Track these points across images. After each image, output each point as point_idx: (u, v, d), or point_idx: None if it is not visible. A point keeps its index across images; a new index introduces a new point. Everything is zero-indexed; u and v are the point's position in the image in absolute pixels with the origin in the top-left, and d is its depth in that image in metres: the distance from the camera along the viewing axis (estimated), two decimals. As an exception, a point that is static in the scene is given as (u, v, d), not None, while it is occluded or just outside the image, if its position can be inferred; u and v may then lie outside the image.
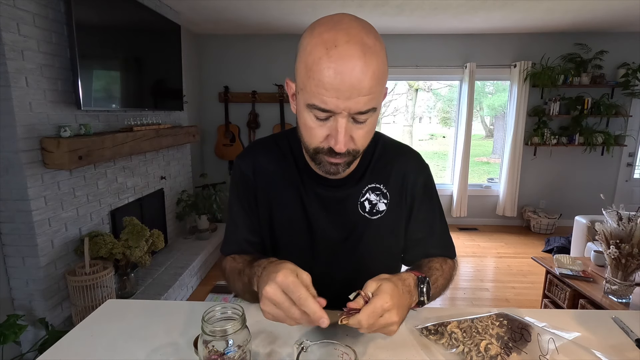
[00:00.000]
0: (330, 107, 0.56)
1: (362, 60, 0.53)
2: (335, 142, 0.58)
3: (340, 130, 0.57)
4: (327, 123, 0.59)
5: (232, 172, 0.81)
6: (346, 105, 0.55)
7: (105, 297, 1.97)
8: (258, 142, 0.82)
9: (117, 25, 2.28)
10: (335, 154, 0.61)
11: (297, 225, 0.76)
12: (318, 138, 0.61)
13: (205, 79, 4.16)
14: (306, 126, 0.61)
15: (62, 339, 0.68)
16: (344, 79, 0.53)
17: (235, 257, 0.77)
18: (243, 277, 0.68)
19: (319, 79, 0.54)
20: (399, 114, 9.89)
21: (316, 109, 0.57)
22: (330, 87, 0.54)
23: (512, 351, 0.60)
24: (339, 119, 0.57)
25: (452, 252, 0.82)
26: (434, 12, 3.17)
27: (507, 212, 4.26)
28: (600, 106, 3.86)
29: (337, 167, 0.64)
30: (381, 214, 0.76)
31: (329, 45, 0.53)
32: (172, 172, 3.21)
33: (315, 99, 0.56)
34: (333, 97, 0.54)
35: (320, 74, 0.54)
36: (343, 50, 0.53)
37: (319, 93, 0.55)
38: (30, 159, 1.74)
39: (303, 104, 0.59)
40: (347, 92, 0.54)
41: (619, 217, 1.56)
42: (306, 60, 0.56)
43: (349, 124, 0.58)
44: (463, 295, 2.78)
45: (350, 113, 0.56)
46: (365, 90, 0.54)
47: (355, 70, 0.53)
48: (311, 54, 0.55)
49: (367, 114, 0.58)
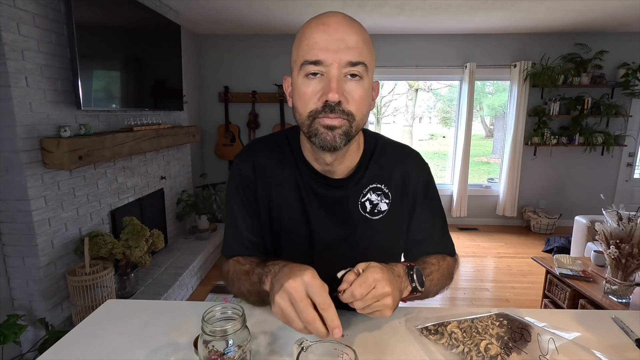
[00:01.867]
0: (320, 57, 0.60)
1: (346, 21, 0.62)
2: (328, 89, 0.60)
3: (332, 78, 0.60)
4: (321, 83, 0.61)
5: (230, 172, 0.80)
6: (336, 55, 0.60)
7: (105, 297, 1.97)
8: (257, 142, 0.81)
9: (117, 25, 2.28)
10: (330, 110, 0.61)
11: (296, 224, 0.76)
12: (313, 99, 0.62)
13: (205, 79, 4.16)
14: (300, 93, 0.63)
15: (62, 339, 0.68)
16: (331, 33, 0.60)
17: (239, 259, 0.75)
18: (252, 276, 0.67)
19: (309, 39, 0.61)
20: (399, 114, 9.89)
21: (308, 63, 0.61)
22: (319, 40, 0.60)
23: (512, 351, 0.60)
24: (330, 70, 0.60)
25: (451, 251, 0.82)
26: (434, 12, 3.17)
27: (507, 212, 4.26)
28: (600, 106, 3.86)
29: (334, 135, 0.63)
30: (383, 214, 0.76)
31: (318, 21, 0.62)
32: (172, 172, 3.21)
33: (307, 55, 0.61)
34: (322, 48, 0.60)
35: (309, 35, 0.61)
36: (329, 17, 0.62)
37: (309, 49, 0.61)
38: (30, 159, 1.74)
39: (296, 72, 0.64)
40: (335, 44, 0.60)
41: (619, 217, 1.56)
42: (298, 38, 0.64)
43: (341, 76, 0.61)
44: (463, 295, 2.78)
45: (340, 64, 0.60)
46: (352, 43, 0.60)
47: (341, 27, 0.61)
48: (302, 32, 0.63)
49: (358, 66, 0.61)
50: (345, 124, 0.63)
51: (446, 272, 0.76)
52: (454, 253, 0.82)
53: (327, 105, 0.61)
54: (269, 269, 0.63)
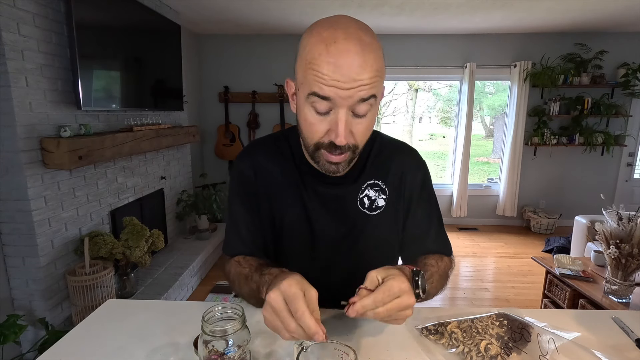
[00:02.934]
0: (329, 95, 0.57)
1: (360, 55, 0.55)
2: (335, 134, 0.59)
3: (340, 122, 0.58)
4: (327, 118, 0.60)
5: (231, 173, 0.81)
6: (346, 94, 0.56)
7: (105, 297, 1.97)
8: (257, 142, 0.82)
9: (117, 25, 2.28)
10: (336, 148, 0.61)
11: (297, 223, 0.77)
12: (318, 133, 0.61)
13: (205, 79, 4.16)
14: (306, 121, 0.62)
15: (62, 339, 0.68)
16: (344, 72, 0.55)
17: (240, 260, 0.76)
18: (251, 283, 0.68)
19: (318, 71, 0.56)
20: (399, 114, 9.89)
21: (316, 96, 0.58)
22: (329, 78, 0.55)
23: (512, 351, 0.60)
24: (339, 111, 0.58)
25: (448, 250, 0.82)
26: (434, 12, 3.17)
27: (507, 212, 4.26)
28: (600, 106, 3.86)
29: (337, 167, 0.65)
30: (380, 209, 0.77)
31: (329, 42, 0.55)
32: (172, 172, 3.21)
33: (315, 87, 0.57)
34: (332, 86, 0.56)
35: (320, 67, 0.56)
36: (342, 46, 0.55)
37: (318, 83, 0.56)
38: (30, 159, 1.74)
39: (303, 98, 0.60)
40: (347, 84, 0.55)
41: (619, 217, 1.56)
42: (306, 57, 0.58)
43: (349, 117, 0.59)
44: (463, 295, 2.78)
45: (350, 105, 0.58)
46: (364, 81, 0.56)
47: (354, 64, 0.55)
48: (311, 51, 0.57)
49: (367, 101, 0.59)
50: (349, 155, 0.64)
51: (444, 273, 0.76)
52: (451, 252, 0.82)
53: (333, 144, 0.61)
54: (264, 278, 0.64)
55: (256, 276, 0.67)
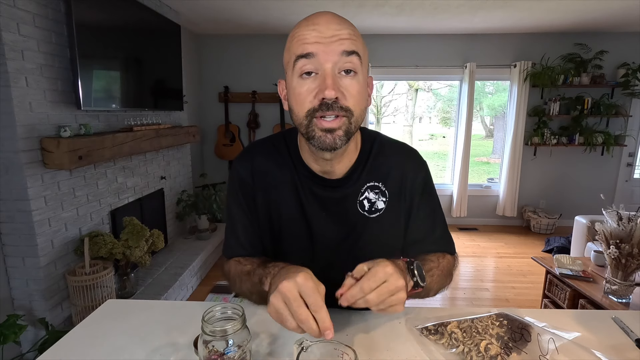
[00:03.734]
0: (312, 50, 0.59)
1: (336, 18, 0.62)
2: (324, 87, 0.59)
3: (327, 75, 0.60)
4: (316, 81, 0.61)
5: (230, 175, 0.81)
6: (328, 48, 0.59)
7: (105, 297, 1.97)
8: (255, 144, 0.82)
9: (117, 25, 2.28)
10: (328, 108, 0.60)
11: (296, 225, 0.76)
12: (308, 98, 0.61)
13: (205, 79, 4.16)
14: (295, 94, 0.63)
15: (62, 339, 0.68)
16: (322, 29, 0.60)
17: (240, 260, 0.76)
18: (253, 276, 0.68)
19: (299, 36, 0.61)
20: (399, 114, 9.89)
21: (302, 57, 0.60)
22: (311, 37, 0.60)
23: (512, 351, 0.60)
24: (324, 66, 0.60)
25: (452, 249, 0.82)
26: (434, 12, 3.17)
27: (507, 212, 4.26)
28: (600, 106, 3.86)
29: (334, 137, 0.62)
30: (380, 212, 0.76)
31: (308, 18, 0.63)
32: (172, 172, 3.21)
33: (299, 49, 0.60)
34: (314, 42, 0.59)
35: (301, 32, 0.61)
36: (319, 16, 0.62)
37: (300, 45, 0.60)
38: (30, 159, 1.74)
39: (290, 73, 0.63)
40: (327, 38, 0.59)
41: (619, 217, 1.56)
42: (289, 39, 0.64)
43: (336, 73, 0.61)
44: (463, 295, 2.78)
45: (334, 60, 0.60)
46: (344, 35, 0.60)
47: (332, 22, 0.61)
48: (292, 31, 0.63)
49: (351, 56, 0.60)
50: (345, 122, 0.62)
51: (446, 270, 0.76)
52: (454, 251, 0.82)
53: (324, 104, 0.60)
54: (269, 270, 0.64)
55: (259, 270, 0.67)
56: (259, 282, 0.65)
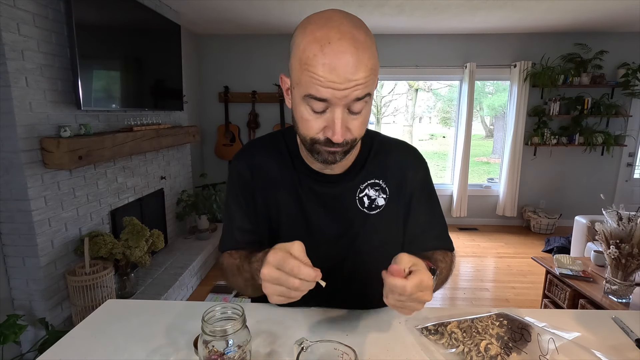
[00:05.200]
0: (326, 96, 0.57)
1: (354, 55, 0.55)
2: (332, 133, 0.60)
3: (337, 121, 0.59)
4: (324, 115, 0.60)
5: (229, 172, 0.82)
6: (342, 94, 0.57)
7: (105, 297, 1.97)
8: (254, 142, 0.82)
9: (117, 25, 2.28)
10: (333, 144, 0.62)
11: (295, 222, 0.77)
12: (315, 130, 0.62)
13: (205, 79, 4.16)
14: (302, 119, 0.62)
15: (62, 339, 0.68)
16: (339, 74, 0.55)
17: (232, 253, 0.77)
18: (244, 272, 0.69)
19: (314, 73, 0.56)
20: (399, 114, 9.89)
21: (313, 98, 0.58)
22: (325, 80, 0.56)
23: (512, 351, 0.60)
24: (335, 110, 0.59)
25: (450, 246, 0.82)
26: (434, 12, 3.17)
27: (507, 212, 4.26)
28: (600, 106, 3.86)
29: (335, 156, 0.65)
30: (380, 208, 0.76)
31: (323, 43, 0.55)
32: (172, 172, 3.21)
33: (312, 89, 0.58)
34: (328, 87, 0.56)
35: (315, 69, 0.56)
36: (336, 47, 0.55)
37: (315, 85, 0.57)
38: (30, 159, 1.74)
39: (299, 98, 0.61)
40: (342, 85, 0.56)
41: (619, 217, 1.56)
42: (300, 57, 0.58)
43: (345, 114, 0.60)
44: (463, 295, 2.78)
45: (346, 103, 0.58)
46: (359, 81, 0.57)
47: (349, 64, 0.55)
48: (305, 51, 0.57)
49: (362, 100, 0.59)
50: (347, 147, 0.65)
51: (450, 269, 0.77)
52: (453, 248, 0.83)
53: (330, 141, 0.61)
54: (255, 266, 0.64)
55: (247, 265, 0.67)
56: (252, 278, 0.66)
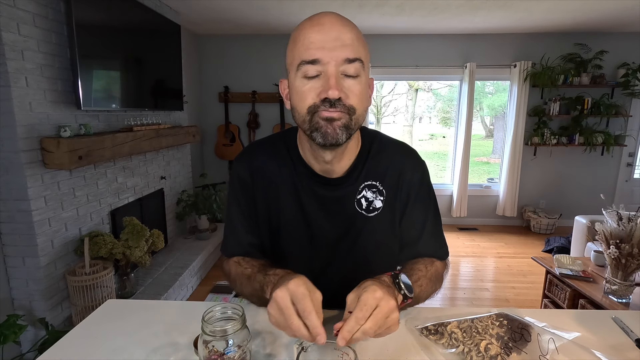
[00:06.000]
0: (318, 56, 0.60)
1: (340, 20, 0.62)
2: (328, 87, 0.60)
3: (330, 76, 0.61)
4: (319, 81, 0.62)
5: (230, 175, 0.82)
6: (333, 54, 0.60)
7: (105, 297, 1.97)
8: (255, 144, 0.82)
9: (117, 25, 2.28)
10: (330, 105, 0.61)
11: (295, 224, 0.77)
12: (311, 95, 0.62)
13: (205, 79, 4.16)
14: (298, 92, 0.64)
15: (62, 339, 0.68)
16: (327, 32, 0.61)
17: (240, 261, 0.76)
18: (254, 283, 0.68)
19: (304, 39, 0.62)
20: (399, 114, 9.89)
21: (305, 63, 0.61)
22: (315, 40, 0.61)
23: (512, 351, 0.60)
24: (328, 69, 0.61)
25: (443, 253, 0.81)
26: (434, 12, 3.17)
27: (507, 212, 4.26)
28: (600, 106, 3.86)
29: (334, 127, 0.62)
30: (378, 211, 0.76)
31: (311, 19, 0.63)
32: (172, 172, 3.21)
33: (304, 54, 0.61)
34: (319, 47, 0.60)
35: (305, 36, 0.62)
36: (323, 17, 0.62)
37: (306, 49, 0.61)
38: (30, 159, 1.74)
39: (294, 75, 0.63)
40: (331, 43, 0.60)
41: (619, 217, 1.56)
42: (293, 40, 0.64)
43: (339, 74, 0.61)
44: (463, 295, 2.78)
45: (337, 62, 0.60)
46: (347, 40, 0.61)
47: (335, 26, 0.61)
48: (297, 33, 0.64)
49: (354, 63, 0.61)
50: (346, 116, 0.63)
51: (434, 277, 0.75)
52: (445, 255, 0.81)
53: (327, 101, 0.61)
54: (269, 279, 0.64)
55: (260, 276, 0.67)
56: (260, 289, 0.66)
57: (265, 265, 0.71)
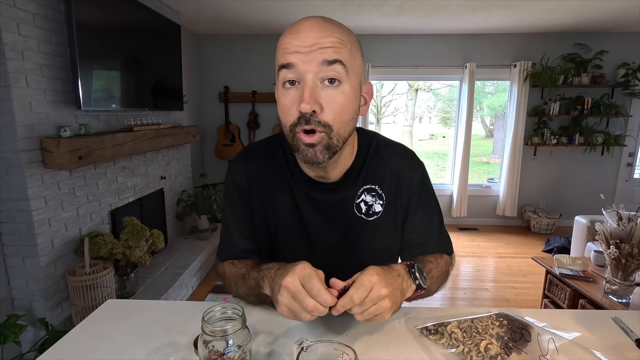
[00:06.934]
0: (291, 60, 0.58)
1: (320, 24, 0.59)
2: (302, 99, 0.57)
3: (306, 86, 0.58)
4: (297, 92, 0.59)
5: (225, 180, 0.80)
6: (308, 57, 0.57)
7: (105, 297, 1.97)
8: (250, 148, 0.81)
9: (117, 25, 2.28)
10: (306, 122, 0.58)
11: (292, 229, 0.76)
12: (290, 111, 0.60)
13: (205, 79, 4.16)
14: (280, 105, 0.62)
15: (62, 339, 0.68)
16: (303, 38, 0.57)
17: (234, 262, 0.76)
18: (248, 280, 0.68)
19: (282, 44, 0.59)
20: (399, 114, 9.89)
21: (283, 68, 0.59)
22: (291, 45, 0.58)
23: (512, 351, 0.60)
24: (305, 77, 0.58)
25: (449, 249, 0.82)
26: (434, 12, 3.17)
27: (507, 212, 4.26)
28: (600, 106, 3.86)
29: (314, 151, 0.60)
30: (377, 215, 0.75)
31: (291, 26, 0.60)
32: (172, 172, 3.21)
33: (281, 59, 0.59)
34: (293, 52, 0.57)
35: (284, 41, 0.59)
36: (303, 21, 0.60)
37: (282, 54, 0.59)
38: (30, 159, 1.74)
39: (278, 84, 0.62)
40: (307, 48, 0.57)
41: (619, 217, 1.56)
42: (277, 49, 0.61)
43: (317, 84, 0.58)
44: (463, 295, 2.78)
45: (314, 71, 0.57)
46: (327, 43, 0.57)
47: (314, 29, 0.58)
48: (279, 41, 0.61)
49: (334, 65, 0.57)
50: (324, 137, 0.60)
51: (444, 270, 0.77)
52: (452, 251, 0.82)
53: (302, 117, 0.58)
54: (264, 273, 0.64)
55: (254, 273, 0.67)
56: (256, 286, 0.66)
57: (259, 263, 0.71)
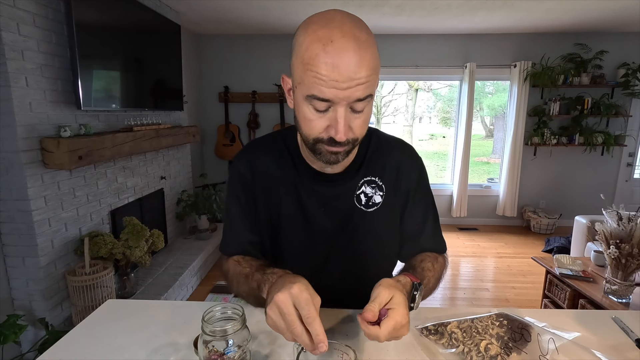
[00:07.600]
0: (329, 97, 0.57)
1: (357, 53, 0.56)
2: (335, 131, 0.60)
3: (340, 120, 0.59)
4: (327, 114, 0.60)
5: (229, 173, 0.81)
6: (344, 94, 0.57)
7: (105, 297, 1.97)
8: (255, 142, 0.82)
9: (117, 25, 2.28)
10: (336, 143, 0.62)
11: (295, 221, 0.77)
12: (318, 129, 0.62)
13: (205, 79, 4.16)
14: (305, 118, 0.62)
15: (62, 339, 0.68)
16: (342, 72, 0.55)
17: (239, 260, 0.76)
18: (251, 281, 0.68)
19: (317, 72, 0.56)
20: (399, 114, 9.89)
21: (316, 99, 0.58)
22: (328, 79, 0.56)
23: (512, 351, 0.60)
24: (338, 109, 0.58)
25: (443, 247, 0.83)
26: (434, 12, 3.17)
27: (507, 212, 4.26)
28: (600, 106, 3.86)
29: (337, 156, 0.65)
30: (377, 206, 0.77)
31: (325, 42, 0.55)
32: (172, 172, 3.21)
33: (314, 89, 0.57)
34: (331, 87, 0.56)
35: (318, 68, 0.56)
36: (338, 45, 0.55)
37: (317, 85, 0.57)
38: (30, 159, 1.74)
39: (301, 97, 0.61)
40: (345, 84, 0.56)
41: (619, 217, 1.56)
42: (303, 56, 0.58)
43: (348, 113, 0.60)
44: (463, 295, 2.78)
45: (349, 102, 0.58)
46: (362, 80, 0.57)
47: (352, 63, 0.55)
48: (307, 50, 0.57)
49: (364, 100, 0.59)
50: (349, 147, 0.65)
51: (439, 276, 0.77)
52: (445, 249, 0.83)
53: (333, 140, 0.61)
54: (267, 277, 0.64)
55: (258, 275, 0.67)
56: (257, 288, 0.66)
57: (264, 265, 0.71)
